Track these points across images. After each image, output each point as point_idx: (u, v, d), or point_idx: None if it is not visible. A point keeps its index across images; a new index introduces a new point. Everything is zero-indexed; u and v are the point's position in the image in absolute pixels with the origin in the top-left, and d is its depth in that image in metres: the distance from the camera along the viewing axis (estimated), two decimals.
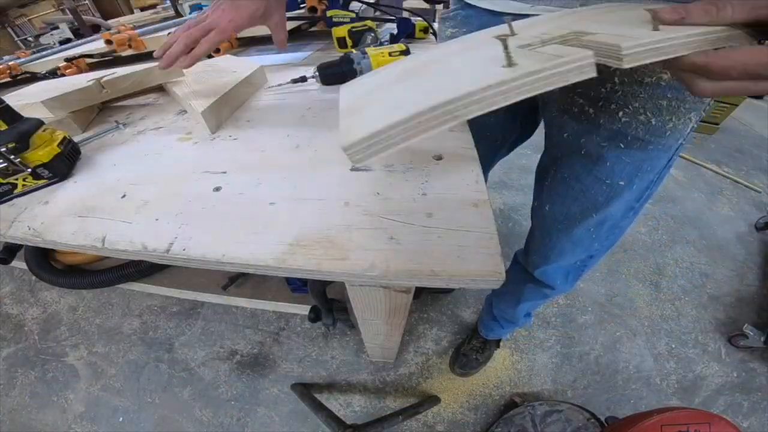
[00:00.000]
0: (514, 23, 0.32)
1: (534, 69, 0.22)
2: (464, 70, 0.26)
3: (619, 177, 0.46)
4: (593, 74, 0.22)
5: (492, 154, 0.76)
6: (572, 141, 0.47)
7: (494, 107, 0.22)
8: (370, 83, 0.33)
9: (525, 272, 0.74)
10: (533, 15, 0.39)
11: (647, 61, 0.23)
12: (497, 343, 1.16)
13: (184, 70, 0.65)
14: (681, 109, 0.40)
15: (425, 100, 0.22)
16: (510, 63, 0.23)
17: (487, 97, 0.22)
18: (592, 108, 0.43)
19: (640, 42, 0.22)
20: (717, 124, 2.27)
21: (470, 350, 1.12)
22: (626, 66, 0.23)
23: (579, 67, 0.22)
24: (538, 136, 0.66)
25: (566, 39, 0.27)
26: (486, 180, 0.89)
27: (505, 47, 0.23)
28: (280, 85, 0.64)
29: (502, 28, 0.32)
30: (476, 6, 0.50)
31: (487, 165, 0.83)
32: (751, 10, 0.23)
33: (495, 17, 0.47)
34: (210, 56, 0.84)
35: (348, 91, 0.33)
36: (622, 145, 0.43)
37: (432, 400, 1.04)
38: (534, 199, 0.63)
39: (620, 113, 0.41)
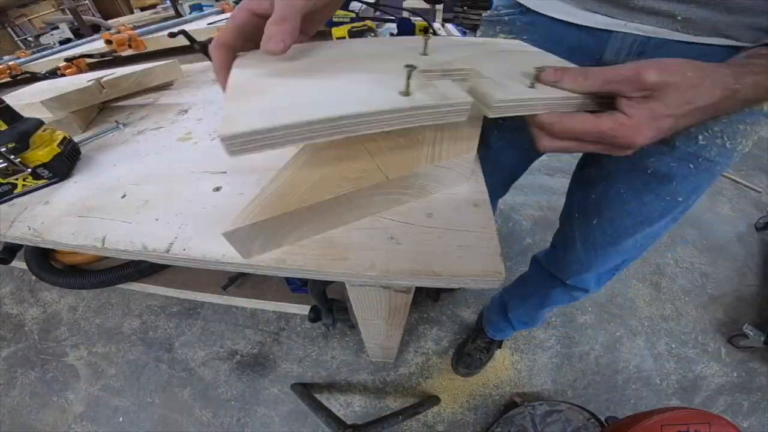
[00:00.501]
0: (432, 41, 0.36)
1: (423, 104, 0.25)
2: (366, 85, 0.27)
3: (680, 195, 0.47)
4: (464, 118, 0.27)
5: (510, 182, 0.74)
6: (638, 159, 0.45)
7: (380, 130, 0.25)
8: (277, 65, 0.30)
9: (551, 277, 0.73)
10: (618, 32, 0.39)
11: (510, 114, 0.28)
12: (500, 342, 1.16)
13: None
14: (752, 132, 0.40)
15: (318, 108, 0.23)
16: (406, 92, 0.26)
17: (375, 121, 0.24)
18: None
19: (507, 98, 0.27)
20: None
21: (475, 350, 1.11)
22: (491, 116, 0.28)
23: (458, 111, 0.26)
24: None
25: (464, 74, 0.31)
26: (495, 209, 0.87)
27: (408, 76, 0.25)
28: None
29: (418, 43, 0.34)
30: (541, 13, 0.45)
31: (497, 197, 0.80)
32: (603, 83, 0.27)
33: (567, 28, 0.43)
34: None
35: (247, 64, 0.30)
36: (692, 166, 0.43)
37: (432, 400, 1.04)
38: (574, 210, 0.61)
39: (699, 137, 0.41)
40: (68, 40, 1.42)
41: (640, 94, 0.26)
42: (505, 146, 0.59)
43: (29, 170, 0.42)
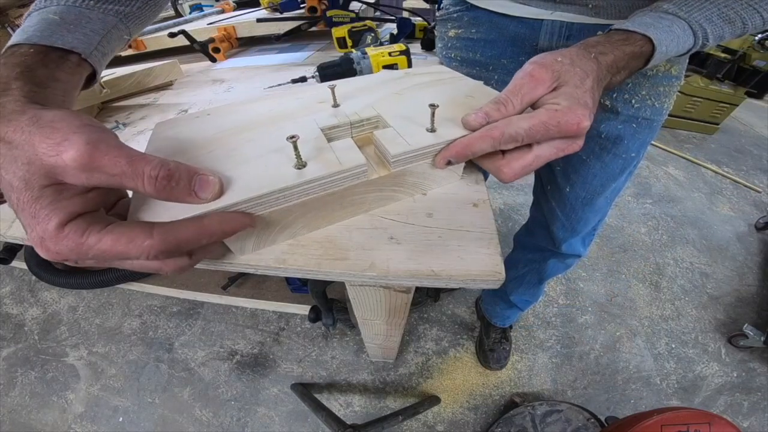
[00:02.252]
0: (345, 86, 0.38)
1: (316, 176, 0.26)
2: (263, 161, 0.28)
3: (632, 150, 0.55)
4: (365, 179, 0.29)
5: None
6: (591, 128, 0.51)
7: (279, 207, 0.26)
8: (182, 141, 0.31)
9: (542, 251, 0.80)
10: (547, 20, 0.46)
11: (408, 165, 0.30)
12: (510, 327, 1.19)
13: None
14: (671, 92, 0.50)
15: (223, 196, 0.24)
16: (299, 164, 0.27)
17: (268, 201, 0.25)
18: (608, 100, 0.50)
19: (401, 152, 0.29)
20: (717, 124, 2.28)
21: (495, 343, 1.13)
22: (393, 170, 0.30)
23: (354, 175, 0.28)
24: None
25: (372, 124, 0.34)
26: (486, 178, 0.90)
27: (295, 148, 0.26)
28: (279, 85, 0.64)
29: (329, 93, 0.36)
30: (484, 9, 0.51)
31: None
32: (522, 98, 0.29)
33: (506, 20, 0.49)
34: (213, 60, 0.85)
35: (164, 135, 0.32)
36: (635, 125, 0.52)
37: (432, 400, 1.04)
38: (544, 184, 0.68)
39: (633, 101, 0.50)
40: None
41: (549, 89, 0.29)
42: None
43: None
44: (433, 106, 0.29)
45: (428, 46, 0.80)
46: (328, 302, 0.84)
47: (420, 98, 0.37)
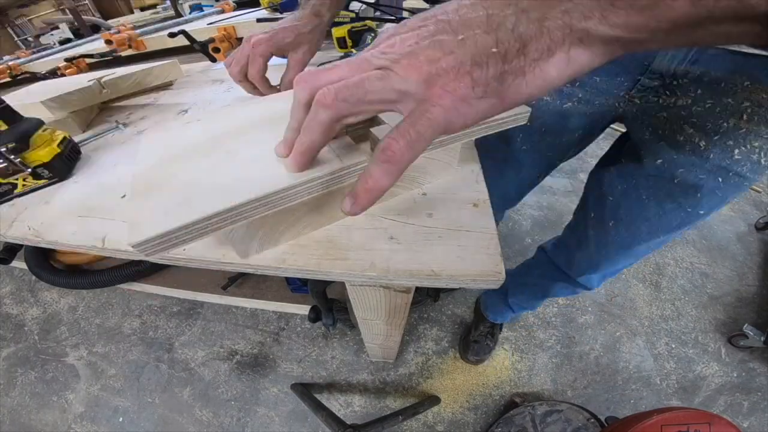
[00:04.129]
0: None
1: (317, 175, 0.26)
2: (261, 163, 0.27)
3: (703, 207, 0.45)
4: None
5: (527, 189, 0.74)
6: (664, 168, 0.45)
7: (281, 207, 0.26)
8: (181, 142, 0.31)
9: (557, 270, 0.73)
10: None
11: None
12: (501, 327, 1.18)
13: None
14: None
15: (212, 201, 0.24)
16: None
17: (270, 202, 0.25)
18: (704, 141, 0.40)
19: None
20: None
21: (480, 336, 1.12)
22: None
23: (355, 171, 0.27)
24: None
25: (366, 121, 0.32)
26: (503, 218, 0.87)
27: None
28: (278, 85, 0.64)
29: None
30: None
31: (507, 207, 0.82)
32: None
33: None
34: (213, 60, 0.84)
35: (147, 151, 0.31)
36: (720, 179, 0.41)
37: (432, 400, 1.04)
38: (589, 209, 0.60)
39: (736, 151, 0.39)
40: (68, 40, 1.42)
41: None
42: (530, 150, 0.58)
43: (29, 170, 0.42)
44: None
45: None
46: (328, 302, 0.84)
47: None
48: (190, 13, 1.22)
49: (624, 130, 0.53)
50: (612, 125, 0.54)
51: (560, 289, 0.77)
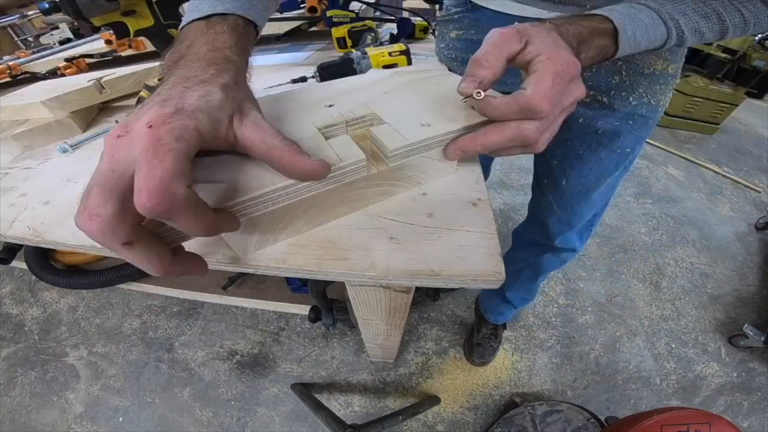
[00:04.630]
0: (331, 86, 0.39)
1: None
2: (260, 162, 0.26)
3: (627, 146, 0.56)
4: (364, 173, 0.29)
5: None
6: (587, 124, 0.55)
7: (284, 204, 0.27)
8: None
9: (538, 245, 0.80)
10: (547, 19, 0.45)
11: (406, 159, 0.31)
12: (504, 326, 1.18)
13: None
14: (667, 90, 0.52)
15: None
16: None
17: (271, 199, 0.25)
18: (605, 97, 0.52)
19: (399, 146, 0.29)
20: (717, 124, 2.28)
21: (483, 338, 1.13)
22: (391, 165, 0.30)
23: (354, 170, 0.28)
24: None
25: (367, 121, 0.34)
26: (487, 176, 0.91)
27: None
28: (279, 85, 0.64)
29: (322, 93, 0.38)
30: (485, 8, 0.52)
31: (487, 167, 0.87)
32: (497, 47, 0.29)
33: (506, 21, 0.49)
34: None
35: None
36: (631, 122, 0.53)
37: (432, 400, 1.04)
38: (541, 177, 0.70)
39: (630, 98, 0.51)
40: (68, 40, 1.42)
41: (521, 44, 0.28)
42: None
43: None
44: (464, 99, 0.31)
45: None
46: (328, 302, 0.84)
47: (412, 95, 0.38)
48: None
49: None
50: None
51: (548, 262, 0.83)
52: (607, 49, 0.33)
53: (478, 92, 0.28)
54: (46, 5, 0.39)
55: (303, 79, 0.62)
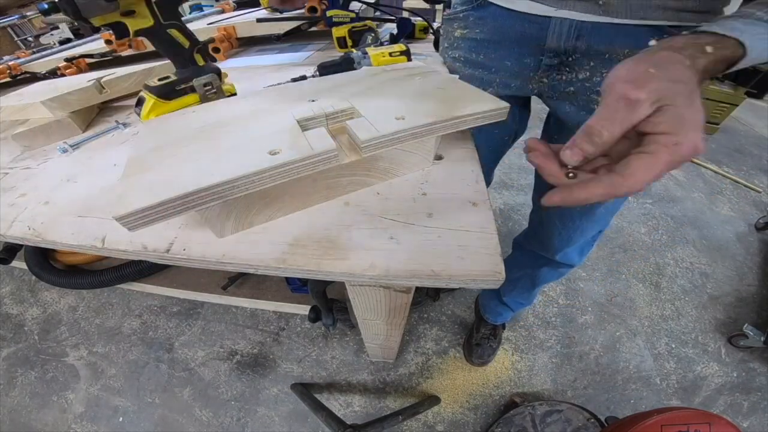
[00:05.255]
0: (319, 82, 0.41)
1: (288, 160, 0.27)
2: (242, 150, 0.30)
3: None
4: (337, 162, 0.30)
5: (495, 160, 0.78)
6: None
7: (256, 189, 0.27)
8: (178, 133, 0.35)
9: (535, 257, 0.78)
10: (555, 18, 0.45)
11: (378, 151, 0.31)
12: (503, 326, 1.18)
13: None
14: None
15: (191, 181, 0.26)
16: (273, 151, 0.29)
17: (244, 184, 0.27)
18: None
19: (371, 137, 0.30)
20: (717, 124, 2.28)
21: (482, 339, 1.13)
22: (364, 155, 0.31)
23: (325, 159, 0.29)
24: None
25: (346, 115, 0.35)
26: (491, 181, 0.91)
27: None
28: (279, 84, 0.64)
29: (306, 89, 0.40)
30: (492, 4, 0.50)
31: (489, 171, 0.86)
32: (620, 125, 0.25)
33: (512, 19, 0.49)
34: (213, 59, 0.84)
35: (145, 137, 0.34)
36: None
37: (432, 400, 1.04)
38: (545, 190, 0.65)
39: None
40: (68, 40, 1.42)
41: (651, 110, 0.25)
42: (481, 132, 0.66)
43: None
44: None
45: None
46: (328, 302, 0.84)
47: (393, 91, 0.39)
48: (190, 13, 1.22)
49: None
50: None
51: (546, 274, 0.82)
52: (718, 72, 0.30)
53: (571, 174, 0.27)
54: (45, 6, 0.39)
55: (303, 78, 0.62)
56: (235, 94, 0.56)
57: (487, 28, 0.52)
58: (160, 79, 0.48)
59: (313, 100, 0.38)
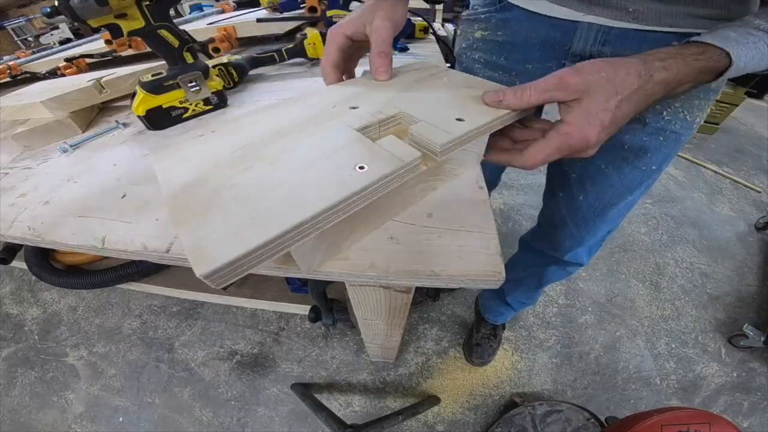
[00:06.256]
0: (340, 89, 0.39)
1: (383, 174, 0.25)
2: (317, 168, 0.26)
3: (654, 164, 0.52)
4: (419, 170, 0.28)
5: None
6: (614, 138, 0.53)
7: (353, 211, 0.25)
8: (201, 162, 0.28)
9: (543, 256, 0.77)
10: (582, 23, 0.44)
11: (454, 151, 0.30)
12: (503, 326, 1.18)
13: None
14: (706, 106, 0.47)
15: (285, 215, 0.22)
16: (360, 166, 0.26)
17: (345, 207, 0.24)
18: None
19: (448, 140, 0.29)
20: (717, 124, 2.28)
21: (482, 339, 1.13)
22: (439, 159, 0.30)
23: (413, 168, 0.27)
24: None
25: (397, 120, 0.33)
26: (497, 183, 0.90)
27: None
28: (278, 83, 0.64)
29: (336, 96, 0.37)
30: (516, 7, 0.49)
31: (498, 173, 0.85)
32: (541, 93, 0.31)
33: (537, 22, 0.47)
34: (211, 57, 0.84)
35: (172, 162, 0.28)
36: (661, 138, 0.49)
37: (432, 400, 1.04)
38: (556, 189, 0.65)
39: (664, 113, 0.47)
40: (68, 40, 1.42)
41: (571, 97, 0.30)
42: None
43: (209, 95, 0.56)
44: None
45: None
46: (328, 302, 0.84)
47: (430, 92, 0.37)
48: (190, 13, 1.22)
49: None
50: None
51: (553, 273, 0.80)
52: (706, 80, 0.33)
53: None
54: (49, 9, 0.41)
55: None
56: (221, 90, 0.58)
57: (510, 31, 0.51)
58: (152, 75, 0.53)
59: (354, 107, 0.34)
